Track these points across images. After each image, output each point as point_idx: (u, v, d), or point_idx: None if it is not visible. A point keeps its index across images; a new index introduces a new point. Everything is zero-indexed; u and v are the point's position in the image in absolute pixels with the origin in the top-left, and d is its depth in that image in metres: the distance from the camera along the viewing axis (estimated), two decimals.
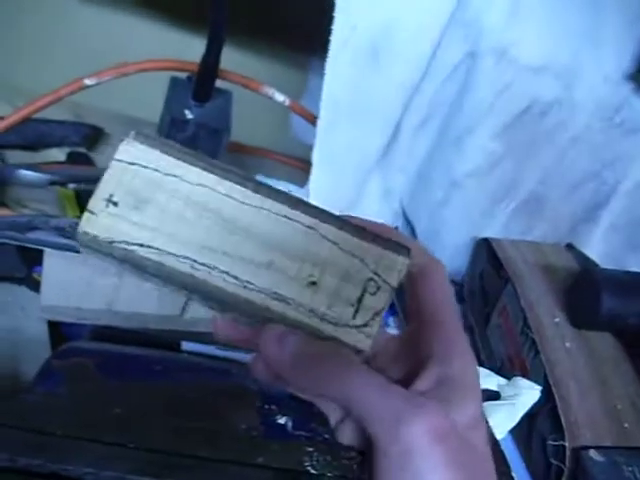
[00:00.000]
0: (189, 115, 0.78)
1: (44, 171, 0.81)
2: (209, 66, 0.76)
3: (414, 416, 0.32)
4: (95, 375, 0.48)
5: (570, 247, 1.00)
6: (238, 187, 0.34)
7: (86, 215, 0.33)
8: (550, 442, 0.72)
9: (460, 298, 1.03)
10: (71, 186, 0.86)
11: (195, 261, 0.33)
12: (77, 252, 0.38)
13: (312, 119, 0.88)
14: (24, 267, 0.80)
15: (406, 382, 0.36)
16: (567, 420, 0.72)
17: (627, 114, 0.92)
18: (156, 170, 0.33)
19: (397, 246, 0.36)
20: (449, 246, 1.02)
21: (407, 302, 0.41)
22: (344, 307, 0.34)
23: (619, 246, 1.05)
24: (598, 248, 1.04)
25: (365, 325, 0.35)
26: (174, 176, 0.33)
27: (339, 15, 0.75)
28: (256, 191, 0.34)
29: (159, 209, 0.33)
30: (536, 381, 0.77)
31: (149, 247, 0.33)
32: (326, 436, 0.46)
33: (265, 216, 0.34)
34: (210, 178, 0.34)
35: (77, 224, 0.33)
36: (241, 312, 0.35)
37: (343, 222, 0.35)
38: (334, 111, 0.81)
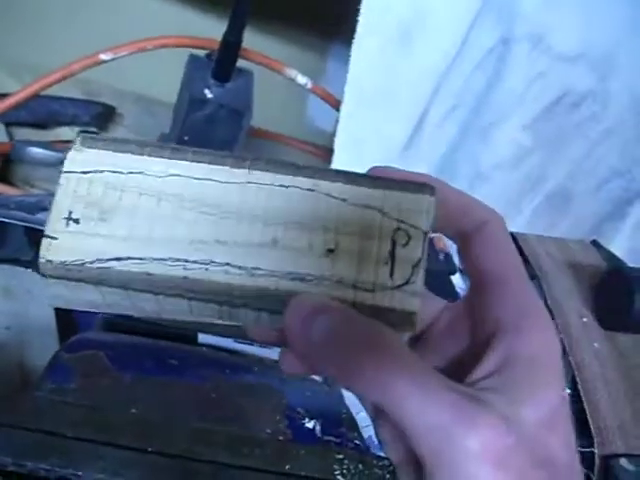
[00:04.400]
0: (209, 94, 0.75)
1: (56, 149, 0.78)
2: (231, 44, 0.73)
3: (465, 432, 0.26)
4: (108, 369, 0.45)
5: (595, 244, 0.96)
6: (215, 167, 0.30)
7: (45, 242, 0.28)
8: (578, 448, 0.69)
9: None
10: None
11: (186, 260, 0.29)
12: None
13: (335, 103, 0.85)
14: (31, 250, 0.77)
15: (466, 363, 0.30)
16: (596, 426, 0.68)
17: None
18: (115, 172, 0.29)
19: (417, 186, 0.30)
20: None
21: (465, 266, 0.33)
22: (376, 267, 0.29)
23: None
24: (623, 246, 1.01)
25: (407, 282, 0.29)
26: (138, 173, 0.29)
27: None
28: (237, 166, 0.30)
29: (128, 213, 0.29)
30: None
31: (128, 259, 0.28)
32: (357, 442, 0.43)
33: (255, 190, 0.29)
34: (181, 165, 0.29)
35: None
36: (256, 307, 0.30)
37: (347, 175, 0.30)
38: (359, 96, 0.78)
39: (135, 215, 0.29)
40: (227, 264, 0.29)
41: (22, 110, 0.85)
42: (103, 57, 0.75)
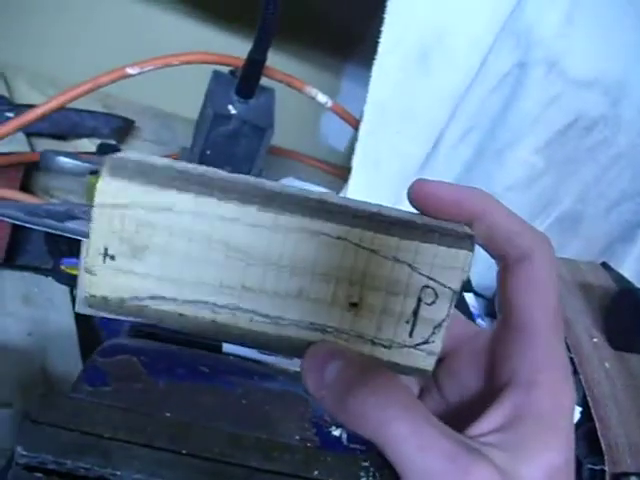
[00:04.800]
0: (232, 110, 0.77)
1: (83, 160, 0.79)
2: (256, 62, 0.75)
3: None
4: (142, 374, 0.46)
5: (605, 266, 0.98)
6: (244, 207, 0.28)
7: (87, 277, 0.29)
8: (589, 466, 0.70)
9: (491, 313, 1.01)
10: None
11: (215, 304, 0.29)
12: None
13: (353, 122, 0.87)
14: (51, 258, 0.78)
15: (478, 404, 0.30)
16: (607, 444, 0.69)
17: None
18: (144, 208, 0.28)
19: (455, 236, 0.29)
20: (482, 260, 1.00)
21: (498, 296, 0.32)
22: (397, 325, 0.29)
23: None
24: (633, 268, 1.02)
25: (425, 342, 0.29)
26: (166, 210, 0.28)
27: (390, 17, 0.73)
28: (266, 207, 0.28)
29: (160, 253, 0.29)
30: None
31: (162, 298, 0.29)
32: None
33: (282, 236, 0.28)
34: (209, 202, 0.28)
35: None
36: (278, 351, 0.31)
37: (380, 220, 0.29)
38: (379, 115, 0.79)
39: (166, 254, 0.29)
40: (253, 311, 0.29)
41: (43, 121, 0.86)
42: (130, 71, 0.76)
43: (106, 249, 0.29)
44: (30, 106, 0.80)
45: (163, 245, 0.29)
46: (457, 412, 0.34)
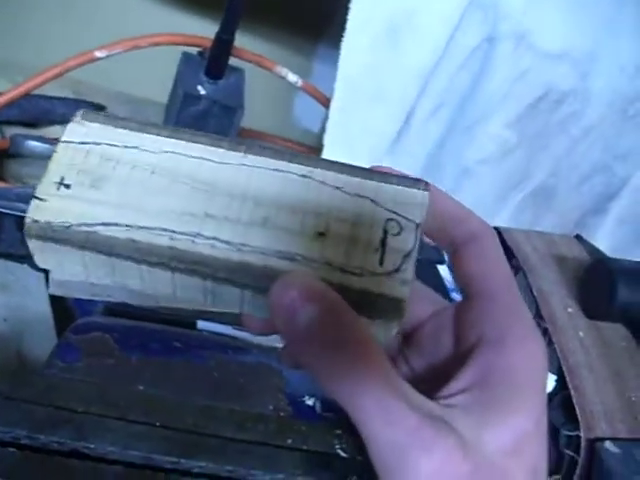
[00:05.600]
0: (202, 91, 0.76)
1: (54, 143, 0.78)
2: (224, 41, 0.74)
3: (420, 455, 0.25)
4: (115, 350, 0.46)
5: (579, 238, 0.99)
6: (211, 148, 0.30)
7: (34, 202, 0.28)
8: (565, 432, 0.71)
9: None
10: None
11: (174, 231, 0.29)
12: None
13: (324, 101, 0.87)
14: (25, 246, 0.78)
15: (449, 371, 0.30)
16: (582, 411, 0.70)
17: None
18: (112, 145, 0.29)
19: (412, 180, 0.31)
20: None
21: (455, 276, 0.35)
22: (366, 253, 0.29)
23: (626, 239, 1.05)
24: (605, 241, 1.03)
25: (397, 270, 0.29)
26: (134, 147, 0.29)
27: None
28: (233, 149, 0.30)
29: (121, 183, 0.29)
30: (549, 370, 0.76)
31: (115, 225, 0.28)
32: None
33: (249, 172, 0.30)
34: (177, 144, 0.30)
35: None
36: (241, 283, 0.29)
37: (342, 165, 0.31)
38: (349, 93, 0.79)
39: (127, 185, 0.29)
40: (214, 238, 0.29)
41: (13, 108, 0.86)
42: (98, 54, 0.76)
43: (62, 178, 0.29)
44: None
45: (125, 176, 0.29)
46: (427, 383, 0.33)
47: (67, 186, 0.29)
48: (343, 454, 0.42)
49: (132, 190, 0.29)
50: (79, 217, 0.28)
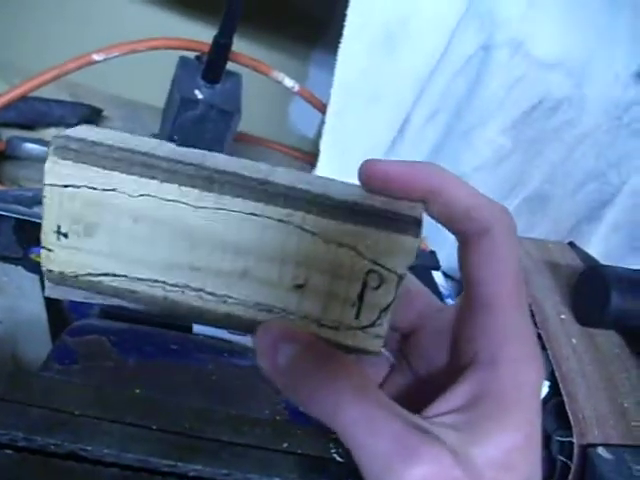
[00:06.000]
0: (199, 95, 0.77)
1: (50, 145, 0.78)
2: (221, 46, 0.75)
3: (407, 463, 0.25)
4: (111, 353, 0.46)
5: (572, 245, 0.99)
6: (185, 188, 0.28)
7: (44, 252, 0.30)
8: (557, 438, 0.72)
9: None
10: None
11: (165, 282, 0.29)
12: None
13: (320, 106, 0.87)
14: (20, 248, 0.78)
15: (445, 379, 0.30)
16: (575, 417, 0.71)
17: (635, 114, 0.92)
18: (90, 188, 0.28)
19: (401, 220, 0.28)
20: (451, 240, 1.01)
21: (461, 272, 0.31)
22: (343, 308, 0.29)
23: (620, 246, 1.05)
24: (599, 247, 1.04)
25: (372, 325, 0.29)
26: (111, 190, 0.28)
27: (355, 2, 0.74)
28: (208, 189, 0.28)
29: (109, 231, 0.29)
30: None
31: (114, 275, 0.29)
32: None
33: (225, 217, 0.28)
34: (150, 184, 0.28)
35: None
36: (231, 328, 0.31)
37: (323, 204, 0.28)
38: (345, 97, 0.80)
39: (114, 233, 0.29)
40: (201, 290, 0.29)
41: (10, 111, 0.86)
42: (95, 57, 0.76)
43: (59, 227, 0.29)
44: None
45: (111, 224, 0.29)
46: (426, 387, 0.33)
47: (65, 235, 0.29)
48: (339, 458, 0.42)
49: (120, 239, 0.29)
50: (83, 267, 0.30)
